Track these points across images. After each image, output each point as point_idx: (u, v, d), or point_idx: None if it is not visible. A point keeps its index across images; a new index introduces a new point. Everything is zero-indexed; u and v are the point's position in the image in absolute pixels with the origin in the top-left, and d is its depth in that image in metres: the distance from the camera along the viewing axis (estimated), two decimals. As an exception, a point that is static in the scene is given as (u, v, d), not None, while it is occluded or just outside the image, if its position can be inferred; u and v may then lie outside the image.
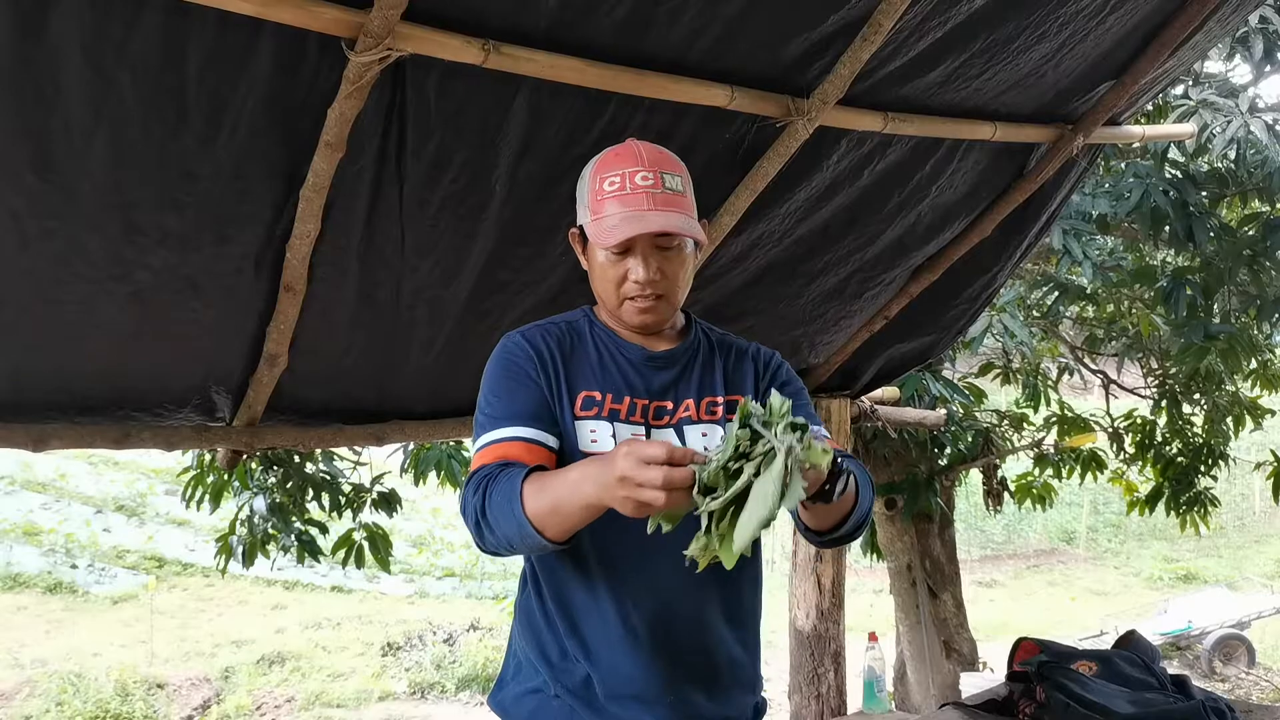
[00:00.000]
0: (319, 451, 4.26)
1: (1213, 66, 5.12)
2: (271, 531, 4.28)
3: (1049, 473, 5.66)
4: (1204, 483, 5.69)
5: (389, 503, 4.52)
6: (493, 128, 1.92)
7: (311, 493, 4.29)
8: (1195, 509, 5.64)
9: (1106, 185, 4.93)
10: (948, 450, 5.19)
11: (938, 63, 2.30)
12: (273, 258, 2.01)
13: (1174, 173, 4.62)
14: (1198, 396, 5.68)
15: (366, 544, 4.43)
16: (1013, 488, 5.64)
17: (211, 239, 1.90)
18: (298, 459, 4.23)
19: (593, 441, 1.45)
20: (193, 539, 12.25)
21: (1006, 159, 2.90)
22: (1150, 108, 4.37)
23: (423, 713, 9.14)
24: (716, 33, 1.93)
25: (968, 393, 5.08)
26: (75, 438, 2.24)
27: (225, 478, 4.22)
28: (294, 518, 4.30)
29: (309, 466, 4.31)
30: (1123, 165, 4.95)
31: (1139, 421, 5.83)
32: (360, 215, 1.99)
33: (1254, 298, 4.85)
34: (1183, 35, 2.57)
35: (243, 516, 4.28)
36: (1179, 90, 4.53)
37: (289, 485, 4.25)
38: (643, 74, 1.94)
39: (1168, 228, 4.34)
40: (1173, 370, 5.56)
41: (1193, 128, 4.02)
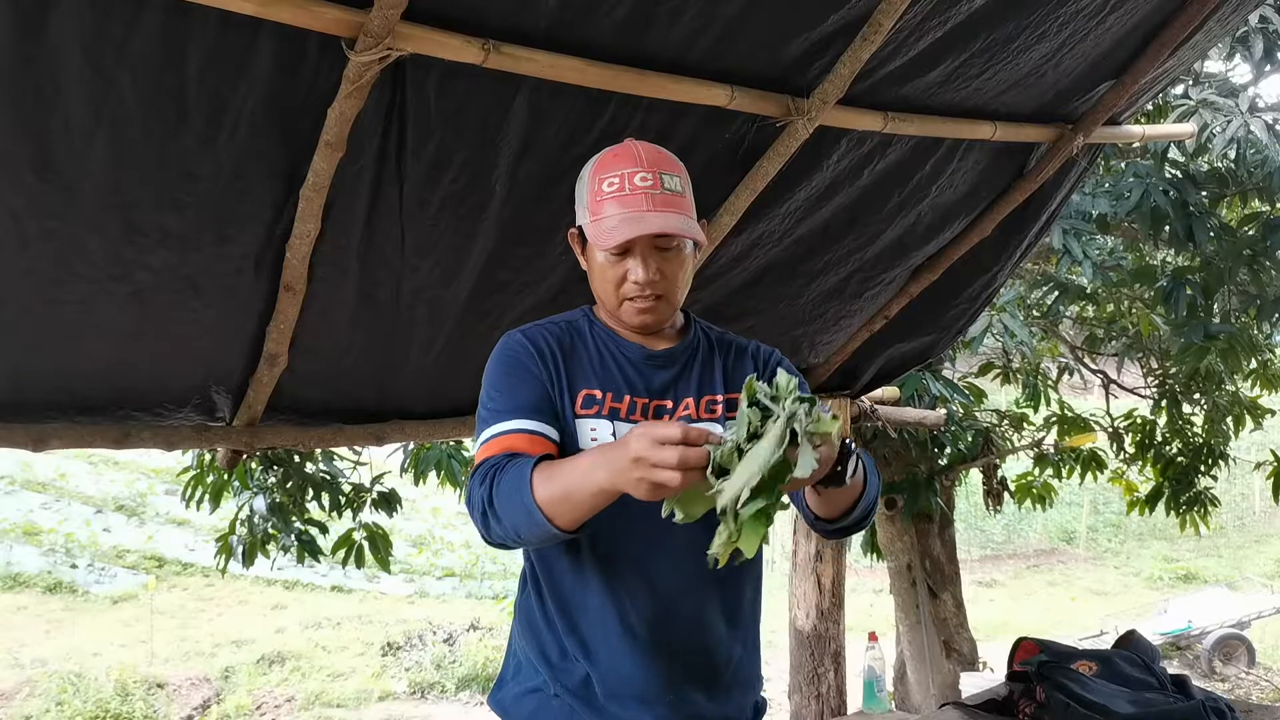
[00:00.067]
0: (319, 451, 4.26)
1: (1213, 66, 5.12)
2: (271, 531, 4.28)
3: (1049, 473, 5.66)
4: (1204, 483, 5.69)
5: (389, 503, 4.52)
6: (493, 128, 1.92)
7: (311, 493, 4.29)
8: (1195, 509, 5.64)
9: (1106, 185, 4.93)
10: (948, 450, 5.20)
11: (938, 62, 2.30)
12: (273, 258, 2.01)
13: (1174, 172, 4.62)
14: (1198, 396, 5.68)
15: (366, 544, 4.43)
16: (1013, 488, 5.64)
17: (211, 239, 1.90)
18: (298, 459, 4.24)
19: (593, 440, 1.45)
20: (193, 539, 12.26)
21: (1006, 159, 2.90)
22: (1150, 107, 4.37)
23: (423, 713, 9.14)
24: (716, 33, 1.93)
25: (968, 393, 5.08)
26: (75, 438, 2.24)
27: (225, 477, 4.22)
28: (294, 518, 4.30)
29: (309, 466, 4.31)
30: (1123, 165, 4.95)
31: (1139, 421, 5.83)
32: (360, 215, 1.99)
33: (1254, 298, 4.85)
34: (1183, 35, 2.57)
35: (243, 516, 4.29)
36: (1179, 90, 4.53)
37: (289, 485, 4.25)
38: (643, 74, 1.94)
39: (1168, 228, 4.34)
40: (1173, 370, 5.56)
41: (1193, 128, 4.02)
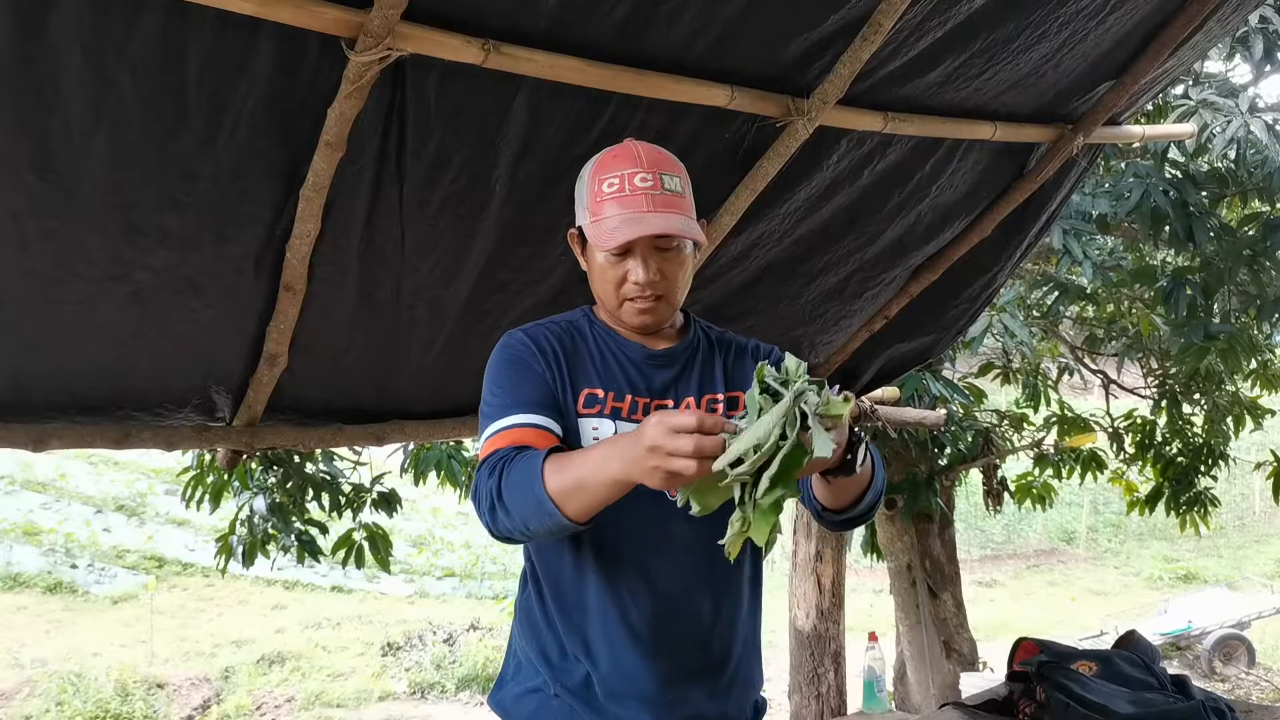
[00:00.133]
0: (319, 451, 4.26)
1: (1213, 66, 5.12)
2: (271, 531, 4.28)
3: (1049, 473, 5.67)
4: (1204, 483, 5.69)
5: (389, 503, 4.53)
6: (493, 128, 1.92)
7: (311, 493, 4.30)
8: (1195, 509, 5.64)
9: (1106, 185, 4.93)
10: (948, 450, 5.20)
11: (938, 63, 2.30)
12: (273, 258, 2.01)
13: (1174, 173, 4.62)
14: (1198, 396, 5.68)
15: (366, 544, 4.43)
16: (1013, 488, 5.65)
17: (211, 239, 1.90)
18: (298, 459, 4.24)
19: (594, 439, 1.45)
20: (193, 539, 12.26)
21: (1006, 159, 2.90)
22: (1150, 108, 4.37)
23: (423, 713, 9.14)
24: (716, 33, 1.93)
25: (968, 393, 5.08)
26: (75, 438, 2.24)
27: (225, 478, 4.23)
28: (294, 518, 4.30)
29: (309, 466, 4.31)
30: (1123, 165, 4.95)
31: (1139, 421, 5.83)
32: (360, 215, 1.99)
33: (1254, 298, 4.86)
34: (1183, 35, 2.57)
35: (243, 516, 4.29)
36: (1179, 90, 4.53)
37: (289, 485, 4.26)
38: (643, 74, 1.94)
39: (1168, 228, 4.34)
40: (1173, 370, 5.56)
41: (1193, 128, 4.02)
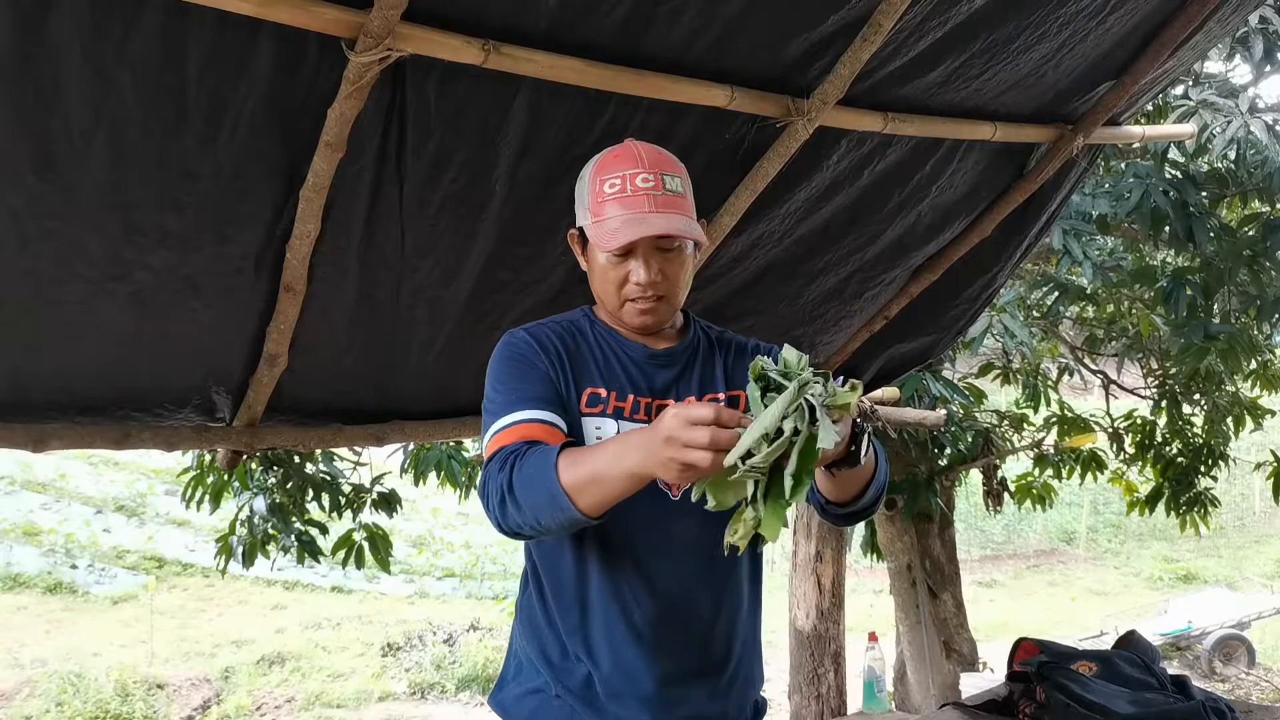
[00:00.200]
0: (319, 451, 4.26)
1: (1213, 66, 5.12)
2: (271, 532, 4.28)
3: (1049, 473, 5.67)
4: (1204, 483, 5.69)
5: (389, 503, 4.53)
6: (493, 128, 1.92)
7: (311, 493, 4.30)
8: (1195, 509, 5.64)
9: (1106, 185, 4.93)
10: (948, 450, 5.20)
11: (938, 63, 2.30)
12: (273, 258, 2.01)
13: (1174, 173, 4.62)
14: (1198, 397, 5.68)
15: (366, 544, 4.43)
16: (1013, 488, 5.65)
17: (211, 239, 1.90)
18: (298, 459, 4.24)
19: (597, 439, 1.45)
20: (193, 539, 12.26)
21: (1006, 159, 2.90)
22: (1150, 108, 4.37)
23: (423, 713, 9.14)
24: (716, 33, 1.93)
25: (968, 393, 5.08)
26: (75, 438, 2.24)
27: (225, 478, 4.22)
28: (294, 518, 4.30)
29: (309, 467, 4.31)
30: (1123, 165, 4.95)
31: (1139, 422, 5.83)
32: (360, 215, 1.99)
33: (1254, 298, 4.85)
34: (1183, 35, 2.57)
35: (243, 517, 4.29)
36: (1179, 90, 4.53)
37: (289, 485, 4.26)
38: (642, 74, 1.94)
39: (1168, 228, 4.34)
40: (1173, 370, 5.56)
41: (1193, 128, 4.02)
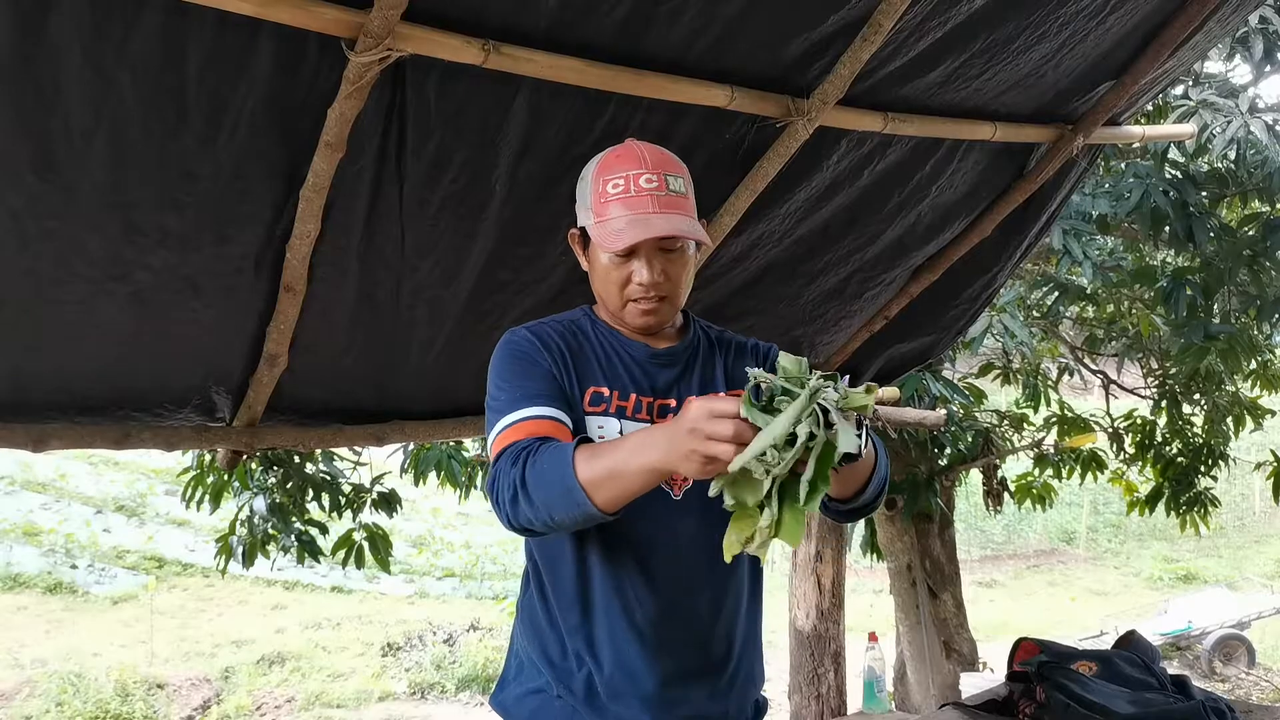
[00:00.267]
0: (319, 451, 4.25)
1: (1213, 66, 5.12)
2: (271, 532, 4.28)
3: (1049, 473, 5.66)
4: (1204, 483, 5.69)
5: (389, 503, 4.53)
6: (493, 128, 1.92)
7: (311, 493, 4.29)
8: (1195, 509, 5.64)
9: (1106, 185, 4.93)
10: (948, 450, 5.20)
11: (938, 63, 2.30)
12: (273, 258, 2.01)
13: (1174, 173, 4.62)
14: (1198, 396, 5.67)
15: (366, 544, 4.43)
16: (1013, 488, 5.64)
17: (211, 239, 1.90)
18: (298, 459, 4.24)
19: (600, 438, 1.45)
20: (193, 539, 12.25)
21: (1006, 159, 2.90)
22: (1150, 108, 4.37)
23: (423, 713, 9.14)
24: (716, 33, 1.93)
25: (968, 393, 5.08)
26: (75, 438, 2.24)
27: (225, 478, 4.22)
28: (294, 518, 4.30)
29: (309, 466, 4.31)
30: (1123, 165, 4.95)
31: (1139, 421, 5.83)
32: (360, 215, 1.99)
33: (1254, 298, 4.85)
34: (1183, 35, 2.57)
35: (243, 517, 4.29)
36: (1179, 90, 4.53)
37: (289, 485, 4.25)
38: (643, 74, 1.94)
39: (1168, 228, 4.34)
40: (1173, 370, 5.56)
41: (1193, 128, 4.02)
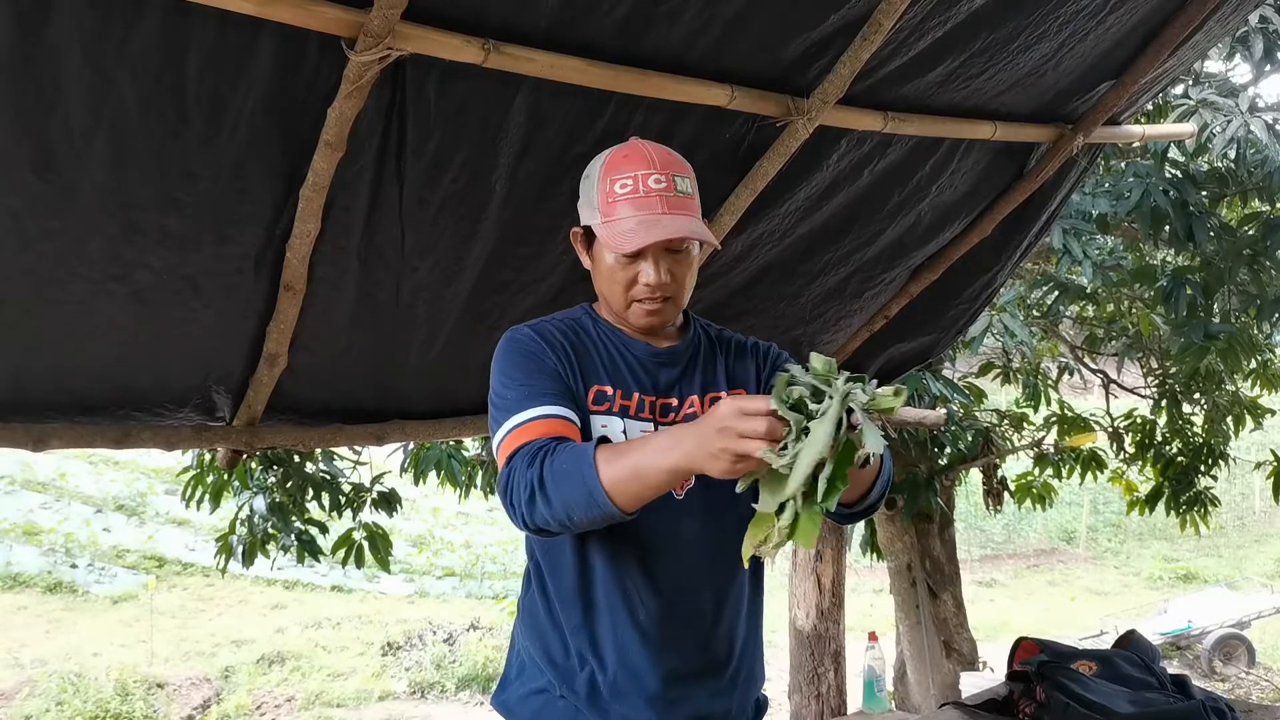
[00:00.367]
0: (319, 451, 4.26)
1: (1213, 66, 5.12)
2: (271, 531, 4.28)
3: (1049, 472, 5.66)
4: (1204, 482, 5.68)
5: (389, 502, 4.52)
6: (493, 128, 1.92)
7: (311, 492, 4.29)
8: (1195, 509, 5.64)
9: (1106, 185, 4.92)
10: (948, 450, 5.19)
11: (938, 62, 2.30)
12: (273, 258, 2.01)
13: (1174, 172, 4.62)
14: (1198, 396, 5.67)
15: (366, 544, 4.43)
16: (1013, 487, 5.64)
17: (211, 239, 1.90)
18: (298, 459, 4.23)
19: (603, 437, 1.44)
20: (193, 539, 12.26)
21: (1006, 159, 2.90)
22: (1150, 107, 4.36)
23: (423, 713, 9.14)
24: (716, 33, 1.93)
25: (968, 392, 5.07)
26: (75, 438, 2.24)
27: (225, 477, 4.22)
28: (294, 517, 4.30)
29: (309, 466, 4.31)
30: (1123, 165, 4.95)
31: (1139, 421, 5.82)
32: (360, 215, 1.99)
33: (1254, 298, 4.85)
34: (1183, 35, 2.57)
35: (243, 516, 4.29)
36: (1179, 90, 4.53)
37: (289, 485, 4.25)
38: (643, 74, 1.94)
39: (1168, 228, 4.33)
40: (1173, 370, 5.56)
41: (1193, 127, 4.02)
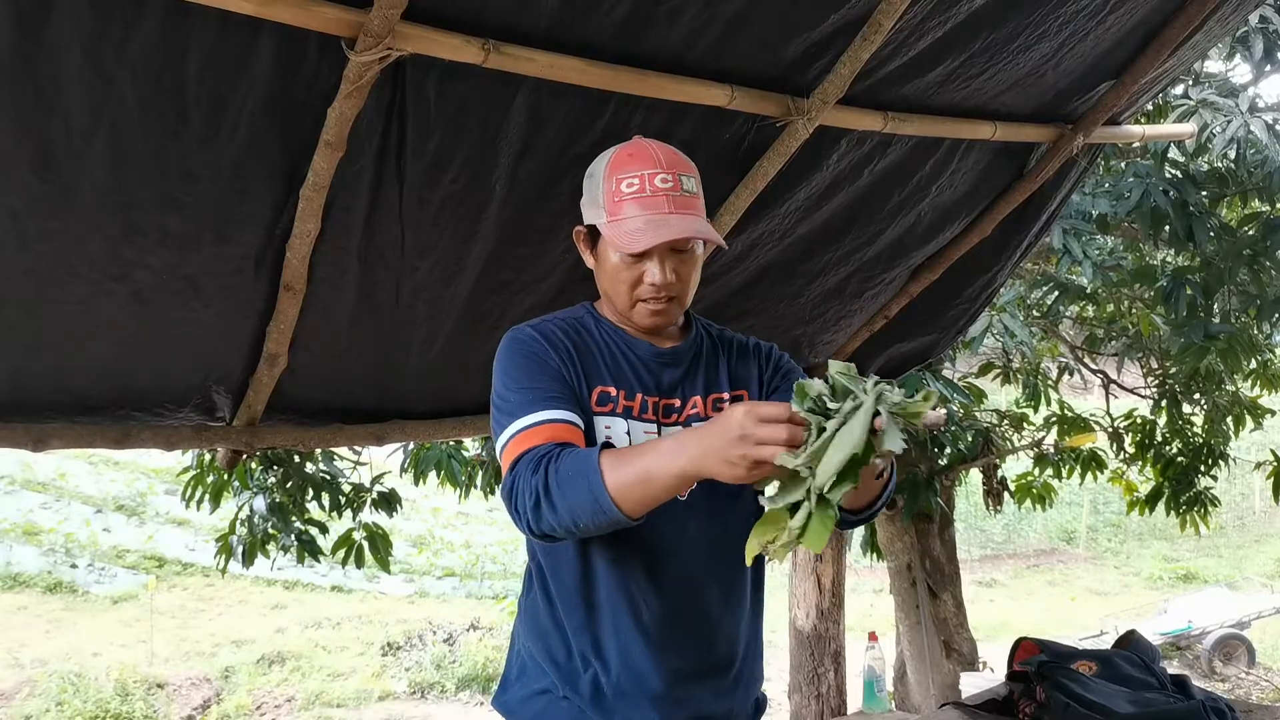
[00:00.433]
0: (319, 451, 4.25)
1: (1213, 66, 5.12)
2: (271, 531, 4.28)
3: (1049, 473, 5.66)
4: (1204, 482, 5.68)
5: (389, 502, 4.52)
6: (493, 128, 1.92)
7: (311, 493, 4.29)
8: (1195, 509, 5.64)
9: (1106, 185, 4.92)
10: (948, 450, 5.19)
11: (938, 62, 2.30)
12: (273, 258, 2.01)
13: (1174, 173, 4.62)
14: (1198, 396, 5.67)
15: (366, 544, 4.43)
16: (1013, 488, 5.64)
17: (211, 239, 1.90)
18: (298, 459, 4.23)
19: (607, 438, 1.44)
20: (193, 539, 12.25)
21: (1006, 159, 2.90)
22: (1150, 107, 4.36)
23: (423, 713, 9.14)
24: (716, 33, 1.93)
25: (968, 392, 5.07)
26: (75, 438, 2.24)
27: (225, 477, 4.22)
28: (294, 518, 4.30)
29: (309, 466, 4.31)
30: (1123, 165, 4.95)
31: (1139, 421, 5.82)
32: (360, 215, 1.99)
33: (1254, 298, 4.85)
34: (1183, 35, 2.57)
35: (243, 516, 4.29)
36: (1179, 90, 4.53)
37: (289, 485, 4.25)
38: (643, 74, 1.94)
39: (1168, 228, 4.33)
40: (1173, 370, 5.56)
41: (1193, 128, 4.02)
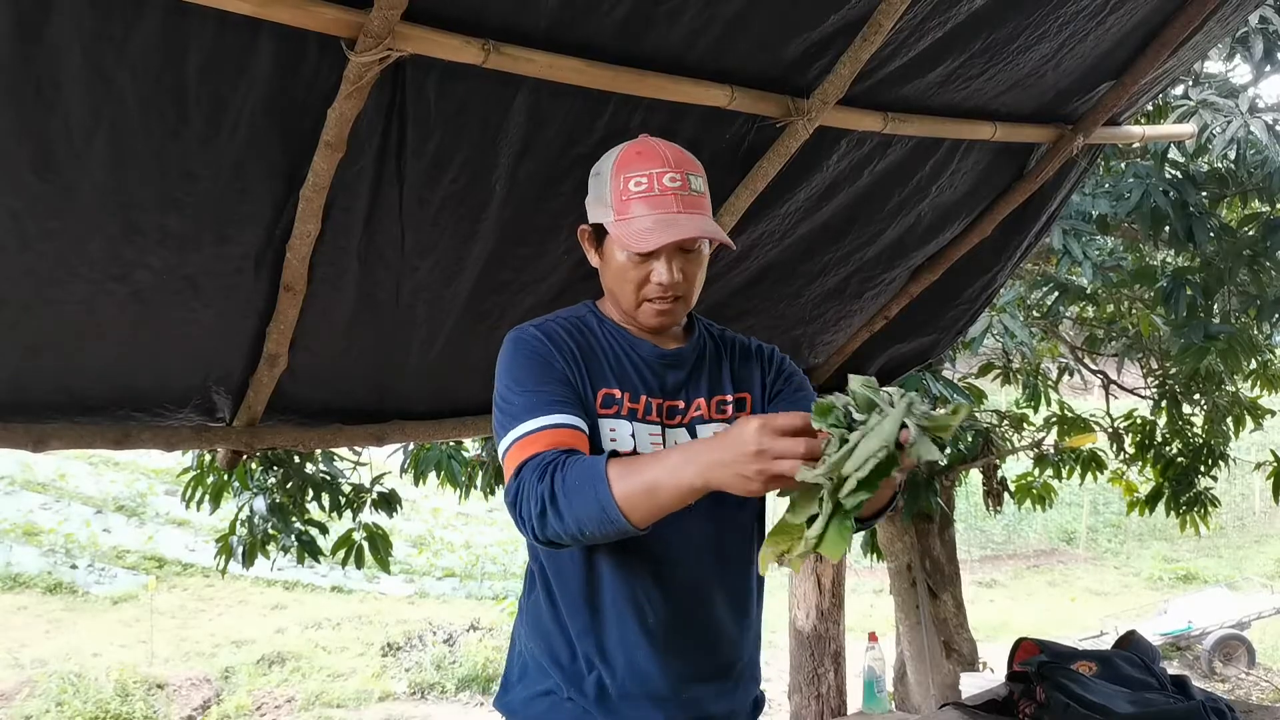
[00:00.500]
0: (319, 451, 4.25)
1: (1213, 66, 5.12)
2: (271, 532, 4.28)
3: (1049, 473, 5.65)
4: (1204, 483, 5.68)
5: (389, 503, 4.52)
6: (493, 128, 1.92)
7: (311, 493, 4.29)
8: (1195, 509, 5.63)
9: (1106, 185, 4.92)
10: (947, 450, 5.19)
11: (938, 63, 2.30)
12: (273, 258, 2.01)
13: (1174, 173, 4.61)
14: (1198, 396, 5.67)
15: (366, 544, 4.43)
16: (1013, 488, 5.64)
17: (211, 239, 1.90)
18: (298, 459, 4.23)
19: (611, 440, 1.43)
20: (193, 539, 12.26)
21: (1006, 159, 2.91)
22: (1150, 108, 4.36)
23: (423, 713, 9.14)
24: (716, 33, 1.93)
25: (968, 393, 5.07)
26: (75, 438, 2.24)
27: (225, 478, 4.22)
28: (294, 518, 4.30)
29: (309, 467, 4.31)
30: (1123, 165, 4.95)
31: (1139, 421, 5.82)
32: (360, 215, 1.99)
33: (1254, 298, 4.84)
34: (1183, 35, 2.57)
35: (243, 517, 4.29)
36: (1179, 90, 4.53)
37: (289, 485, 4.25)
38: (643, 74, 1.94)
39: (1168, 228, 4.33)
40: (1173, 370, 5.55)
41: (1193, 128, 4.02)
